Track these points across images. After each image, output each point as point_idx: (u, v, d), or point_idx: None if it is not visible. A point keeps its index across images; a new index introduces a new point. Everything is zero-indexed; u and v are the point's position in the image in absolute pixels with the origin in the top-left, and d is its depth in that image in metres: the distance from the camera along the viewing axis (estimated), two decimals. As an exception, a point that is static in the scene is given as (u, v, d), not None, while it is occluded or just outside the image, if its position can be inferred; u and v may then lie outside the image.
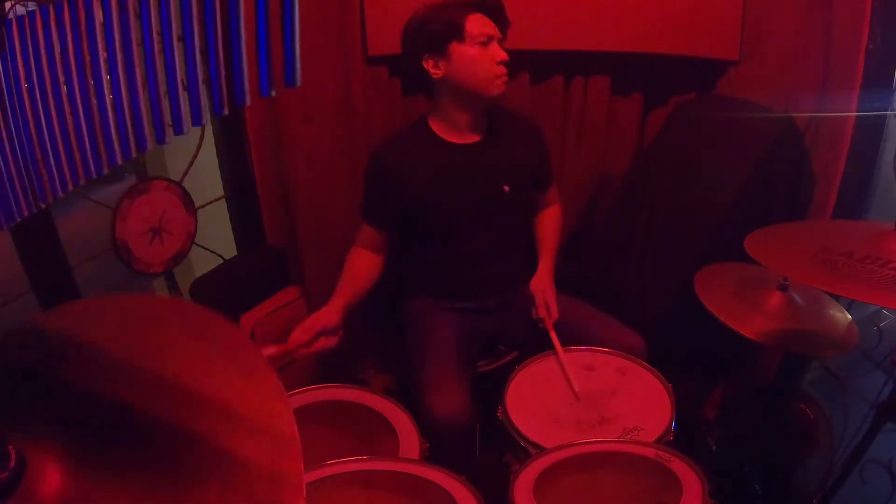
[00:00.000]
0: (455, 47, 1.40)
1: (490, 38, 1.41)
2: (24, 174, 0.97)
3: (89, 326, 0.67)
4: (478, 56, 1.40)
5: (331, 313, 1.43)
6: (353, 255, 1.58)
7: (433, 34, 1.41)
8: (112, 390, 0.60)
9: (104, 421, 0.58)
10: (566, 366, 1.43)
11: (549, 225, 1.72)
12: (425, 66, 1.44)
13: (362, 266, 1.57)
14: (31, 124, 0.96)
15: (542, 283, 1.60)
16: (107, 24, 0.92)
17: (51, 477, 0.53)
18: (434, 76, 1.44)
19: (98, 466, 0.55)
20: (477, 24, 1.40)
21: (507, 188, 1.54)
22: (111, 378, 0.61)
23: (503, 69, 1.42)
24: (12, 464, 0.52)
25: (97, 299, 0.75)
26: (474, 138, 1.53)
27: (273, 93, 0.92)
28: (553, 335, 1.50)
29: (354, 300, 1.50)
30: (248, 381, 0.63)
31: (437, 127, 1.52)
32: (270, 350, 1.37)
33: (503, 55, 1.42)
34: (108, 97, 0.96)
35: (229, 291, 1.83)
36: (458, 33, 1.39)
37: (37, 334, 0.65)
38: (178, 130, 0.96)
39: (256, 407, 0.61)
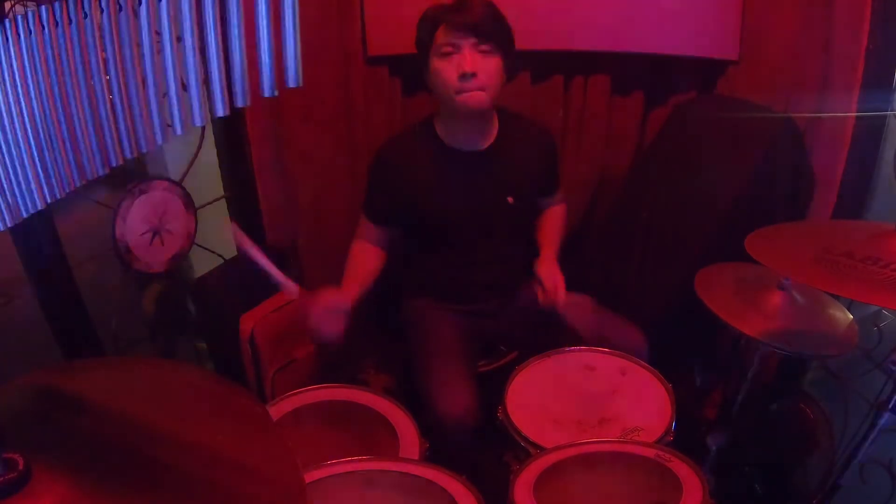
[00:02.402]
0: (430, 57, 1.37)
1: (457, 47, 1.32)
2: (24, 174, 0.97)
3: (108, 383, 0.70)
4: (439, 68, 1.35)
5: (344, 296, 1.41)
6: (356, 247, 1.58)
7: (417, 42, 1.40)
8: (123, 437, 0.64)
9: (113, 457, 0.61)
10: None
11: (552, 221, 1.70)
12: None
13: (365, 257, 1.56)
14: (31, 124, 0.96)
15: (547, 266, 1.54)
16: (105, 24, 0.92)
17: (56, 494, 0.54)
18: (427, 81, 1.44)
19: (104, 492, 0.56)
20: (444, 33, 1.33)
21: (511, 199, 1.52)
22: (120, 428, 0.65)
23: (465, 84, 1.32)
24: (19, 468, 0.53)
25: (117, 358, 0.82)
26: (479, 146, 1.50)
27: (276, 92, 0.92)
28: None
29: (361, 291, 1.49)
30: (256, 438, 0.68)
31: (440, 130, 1.50)
32: (292, 290, 1.32)
33: (465, 66, 1.31)
34: (108, 97, 0.96)
35: (229, 291, 1.83)
36: (430, 44, 1.36)
37: (54, 386, 0.68)
38: (179, 130, 0.96)
39: (264, 460, 0.64)
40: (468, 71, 1.32)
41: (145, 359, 0.78)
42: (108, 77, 0.96)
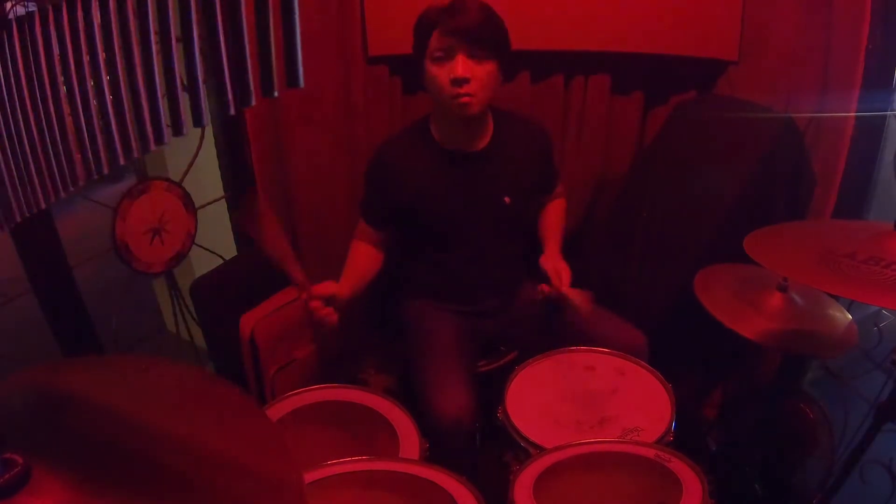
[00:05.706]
0: (425, 61, 1.37)
1: (450, 52, 1.31)
2: (24, 174, 0.97)
3: (104, 382, 0.71)
4: (433, 73, 1.35)
5: (341, 287, 1.42)
6: (355, 246, 1.59)
7: (413, 44, 1.40)
8: (120, 437, 0.64)
9: (112, 459, 0.61)
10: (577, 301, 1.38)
11: (553, 216, 1.70)
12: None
13: (364, 256, 1.57)
14: (32, 124, 0.96)
15: (551, 258, 1.54)
16: (106, 25, 0.92)
17: (55, 494, 0.54)
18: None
19: (104, 493, 0.56)
20: (438, 38, 1.32)
21: (507, 200, 1.51)
22: (119, 427, 0.65)
23: (457, 90, 1.32)
24: (17, 470, 0.53)
25: (114, 356, 0.82)
26: (475, 147, 1.49)
27: (276, 93, 0.92)
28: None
29: (358, 286, 1.51)
30: (251, 437, 0.69)
31: (435, 132, 1.50)
32: (297, 273, 1.32)
33: (457, 72, 1.30)
34: (109, 97, 0.96)
35: (229, 291, 1.83)
36: (424, 48, 1.35)
37: (50, 383, 0.68)
38: (178, 131, 0.96)
39: (260, 458, 0.65)
40: (460, 76, 1.31)
41: (143, 357, 0.78)
42: (108, 77, 0.96)
